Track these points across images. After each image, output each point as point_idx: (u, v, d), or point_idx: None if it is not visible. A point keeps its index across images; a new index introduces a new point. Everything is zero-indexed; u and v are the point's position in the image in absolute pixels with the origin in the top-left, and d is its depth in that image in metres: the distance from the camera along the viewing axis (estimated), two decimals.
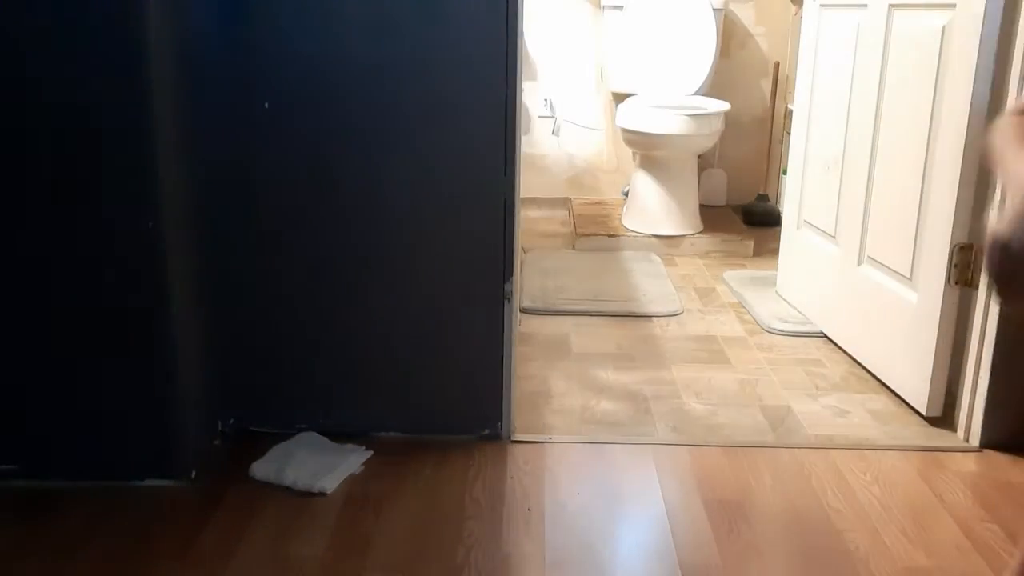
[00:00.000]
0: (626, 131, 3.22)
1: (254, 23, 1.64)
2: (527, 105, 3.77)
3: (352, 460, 1.75)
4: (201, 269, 1.72)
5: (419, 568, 1.46)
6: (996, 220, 0.81)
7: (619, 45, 3.51)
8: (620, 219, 3.46)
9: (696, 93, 3.47)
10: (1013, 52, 1.73)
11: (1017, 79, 1.72)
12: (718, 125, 3.16)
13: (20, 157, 1.53)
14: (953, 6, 1.83)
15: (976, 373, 1.87)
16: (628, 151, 3.74)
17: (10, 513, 1.58)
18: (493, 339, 1.80)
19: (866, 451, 1.85)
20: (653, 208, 3.29)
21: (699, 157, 3.41)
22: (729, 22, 3.64)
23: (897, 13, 2.06)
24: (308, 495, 1.65)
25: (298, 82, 1.66)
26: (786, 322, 2.52)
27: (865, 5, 2.18)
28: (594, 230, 3.31)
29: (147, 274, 1.58)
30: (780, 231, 2.73)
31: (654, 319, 2.58)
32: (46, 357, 1.62)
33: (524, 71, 1.79)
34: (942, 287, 1.88)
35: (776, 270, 2.77)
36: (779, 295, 2.71)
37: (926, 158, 1.93)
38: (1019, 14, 1.71)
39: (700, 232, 3.29)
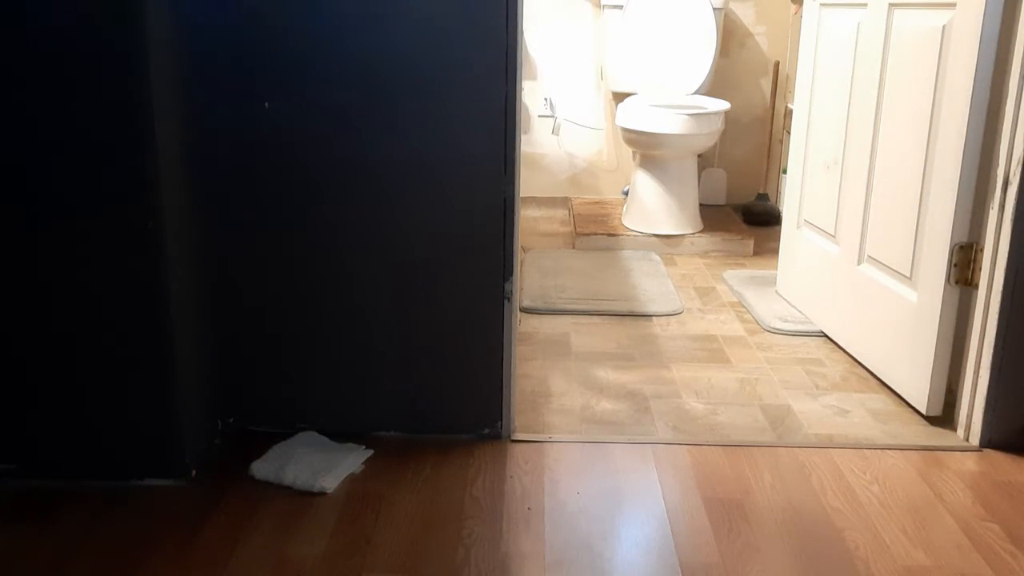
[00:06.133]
0: (626, 130, 3.22)
1: (254, 23, 1.64)
2: (527, 105, 3.77)
3: (352, 459, 1.75)
4: (201, 269, 1.72)
5: (419, 568, 1.46)
6: None
7: (619, 45, 3.51)
8: (620, 218, 3.46)
9: (696, 92, 3.47)
10: (1013, 52, 1.73)
11: (1017, 79, 1.72)
12: (718, 124, 3.17)
13: (20, 157, 1.53)
14: (953, 6, 1.83)
15: (976, 373, 1.87)
16: (628, 150, 3.74)
17: (10, 513, 1.58)
18: (493, 338, 1.80)
19: (866, 450, 1.85)
20: (653, 207, 3.29)
21: (699, 156, 3.41)
22: (729, 21, 3.65)
23: (897, 12, 2.06)
24: (308, 494, 1.65)
25: (298, 82, 1.66)
26: (786, 321, 2.52)
27: (865, 4, 2.18)
28: (594, 229, 3.31)
29: (147, 274, 1.58)
30: (780, 230, 2.73)
31: (654, 318, 2.58)
32: (46, 357, 1.62)
33: (524, 71, 1.79)
34: (942, 286, 1.88)
35: (776, 269, 2.77)
36: (779, 294, 2.72)
37: (926, 158, 1.93)
38: (1019, 14, 1.71)
39: (700, 231, 3.29)
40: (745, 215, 3.60)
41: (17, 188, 1.54)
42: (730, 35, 3.66)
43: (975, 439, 1.87)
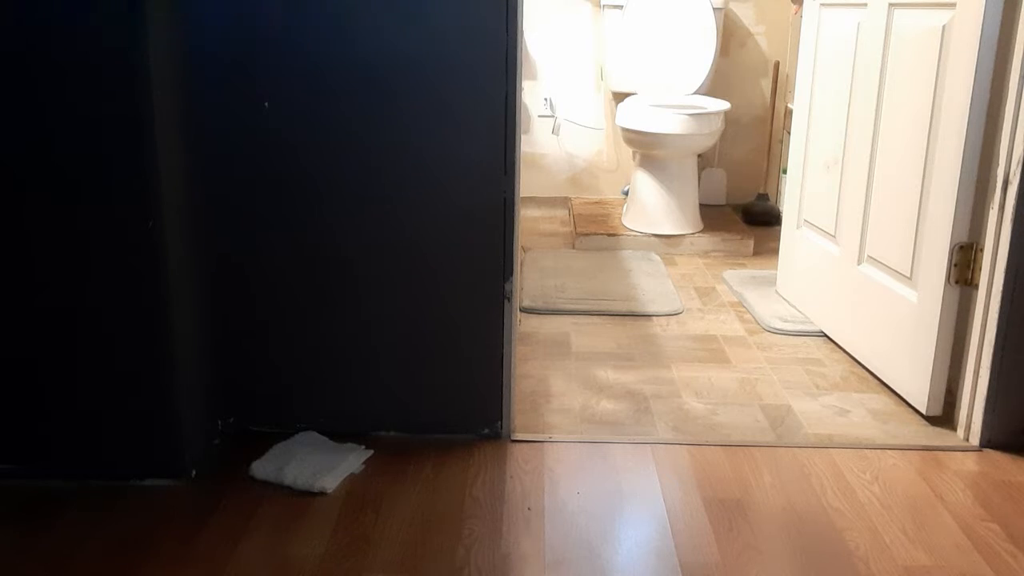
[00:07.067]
0: (626, 130, 3.22)
1: (254, 23, 1.64)
2: (527, 105, 3.77)
3: (352, 459, 1.75)
4: (201, 269, 1.72)
5: (419, 568, 1.46)
6: None
7: (619, 45, 3.51)
8: (620, 218, 3.46)
9: (696, 92, 3.47)
10: (1013, 52, 1.73)
11: (1017, 79, 1.72)
12: (718, 124, 3.17)
13: (20, 157, 1.53)
14: (953, 5, 1.83)
15: (976, 373, 1.87)
16: (628, 150, 3.74)
17: (11, 513, 1.58)
18: (493, 339, 1.80)
19: (866, 450, 1.85)
20: (653, 207, 3.29)
21: (699, 156, 3.41)
22: (729, 21, 3.65)
23: (897, 12, 2.06)
24: (308, 494, 1.65)
25: (298, 81, 1.66)
26: (786, 321, 2.52)
27: (865, 4, 2.18)
28: (594, 229, 3.31)
29: (147, 274, 1.58)
30: (780, 230, 2.73)
31: (654, 318, 2.58)
32: (46, 357, 1.62)
33: (524, 71, 1.79)
34: (942, 286, 1.88)
35: (776, 269, 2.77)
36: (779, 294, 2.71)
37: (926, 157, 1.93)
38: (1019, 14, 1.71)
39: (700, 231, 3.29)
40: (745, 215, 3.59)
41: (16, 188, 1.54)
42: (730, 35, 3.66)
43: (975, 439, 1.87)
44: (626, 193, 3.56)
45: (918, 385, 1.97)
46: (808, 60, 2.51)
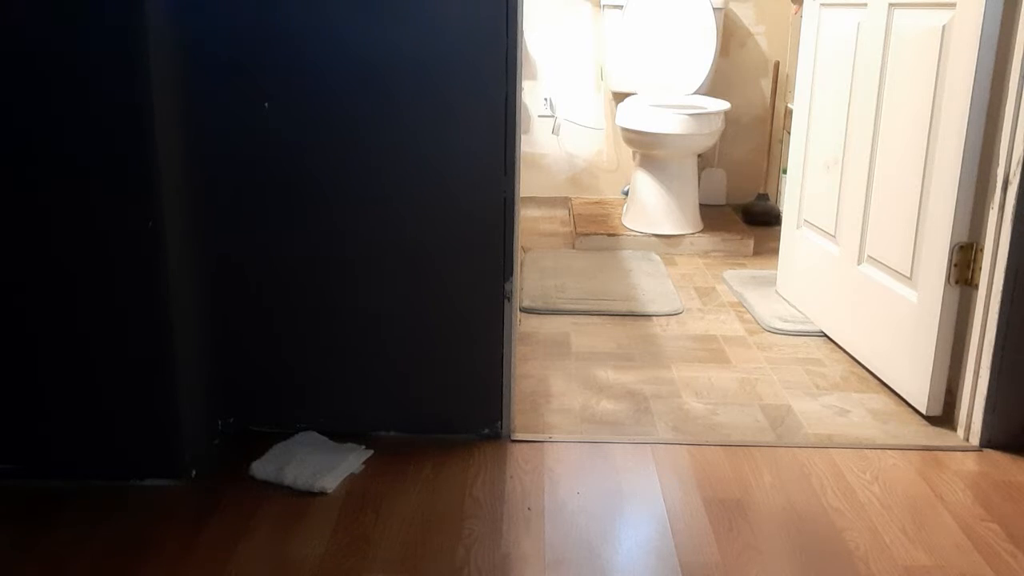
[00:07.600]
0: (626, 130, 3.22)
1: (254, 24, 1.64)
2: (527, 105, 3.77)
3: (352, 459, 1.75)
4: (201, 269, 1.72)
5: (419, 568, 1.46)
6: None
7: (619, 45, 3.51)
8: (620, 218, 3.46)
9: (696, 92, 3.47)
10: (1013, 52, 1.73)
11: (1017, 79, 1.72)
12: (718, 124, 3.17)
13: (19, 158, 1.53)
14: (953, 5, 1.83)
15: (976, 373, 1.87)
16: (628, 150, 3.74)
17: (10, 513, 1.58)
18: (493, 339, 1.80)
19: (866, 450, 1.85)
20: (653, 207, 3.29)
21: (699, 156, 3.41)
22: (729, 21, 3.65)
23: (897, 12, 2.06)
24: (308, 495, 1.65)
25: (298, 82, 1.66)
26: (786, 321, 2.52)
27: (865, 4, 2.18)
28: (594, 229, 3.31)
29: (147, 274, 1.58)
30: (780, 230, 2.73)
31: (654, 318, 2.58)
32: (46, 357, 1.62)
33: (524, 71, 1.79)
34: (942, 286, 1.88)
35: (776, 269, 2.77)
36: (779, 294, 2.72)
37: (926, 157, 1.93)
38: (1019, 14, 1.71)
39: (700, 231, 3.29)
40: (745, 215, 3.60)
41: (15, 189, 1.54)
42: (730, 35, 3.66)
43: (975, 439, 1.87)
44: (626, 193, 3.56)
45: (918, 385, 1.97)
46: (808, 60, 2.51)
